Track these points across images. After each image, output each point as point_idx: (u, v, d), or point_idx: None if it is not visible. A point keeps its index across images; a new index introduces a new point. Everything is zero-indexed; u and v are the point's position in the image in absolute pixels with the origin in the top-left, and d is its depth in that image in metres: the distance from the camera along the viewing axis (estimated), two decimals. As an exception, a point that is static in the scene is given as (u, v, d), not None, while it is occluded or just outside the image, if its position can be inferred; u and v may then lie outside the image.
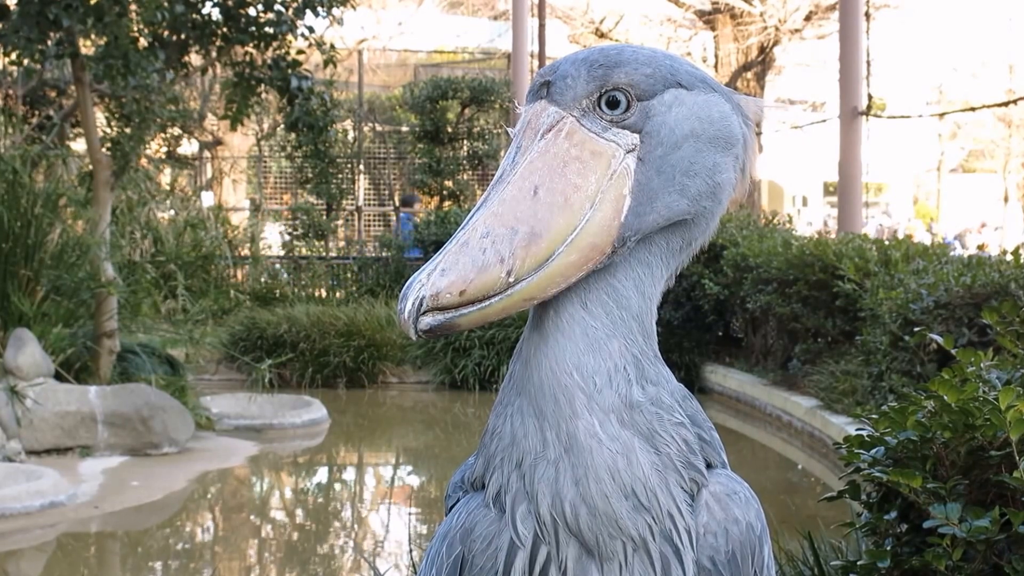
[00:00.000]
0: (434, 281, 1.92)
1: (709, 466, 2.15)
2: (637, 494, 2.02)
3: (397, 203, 28.71)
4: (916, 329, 9.60)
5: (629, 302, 2.09)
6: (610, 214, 2.03)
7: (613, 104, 2.08)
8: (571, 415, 2.02)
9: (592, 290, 2.07)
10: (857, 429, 4.32)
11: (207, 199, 27.74)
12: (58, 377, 13.44)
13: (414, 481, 14.56)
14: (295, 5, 14.33)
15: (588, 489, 2.01)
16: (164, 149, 26.22)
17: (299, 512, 12.80)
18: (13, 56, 13.60)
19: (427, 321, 1.92)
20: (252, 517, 12.51)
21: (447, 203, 26.94)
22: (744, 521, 2.12)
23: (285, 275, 24.92)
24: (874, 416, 4.21)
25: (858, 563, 4.11)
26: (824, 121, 27.55)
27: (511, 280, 1.95)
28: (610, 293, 2.08)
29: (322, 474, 14.77)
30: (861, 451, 4.10)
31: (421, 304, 1.92)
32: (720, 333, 18.27)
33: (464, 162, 27.46)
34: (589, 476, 2.01)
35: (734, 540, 2.10)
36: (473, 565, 2.13)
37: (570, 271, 2.00)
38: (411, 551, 6.81)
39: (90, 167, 14.66)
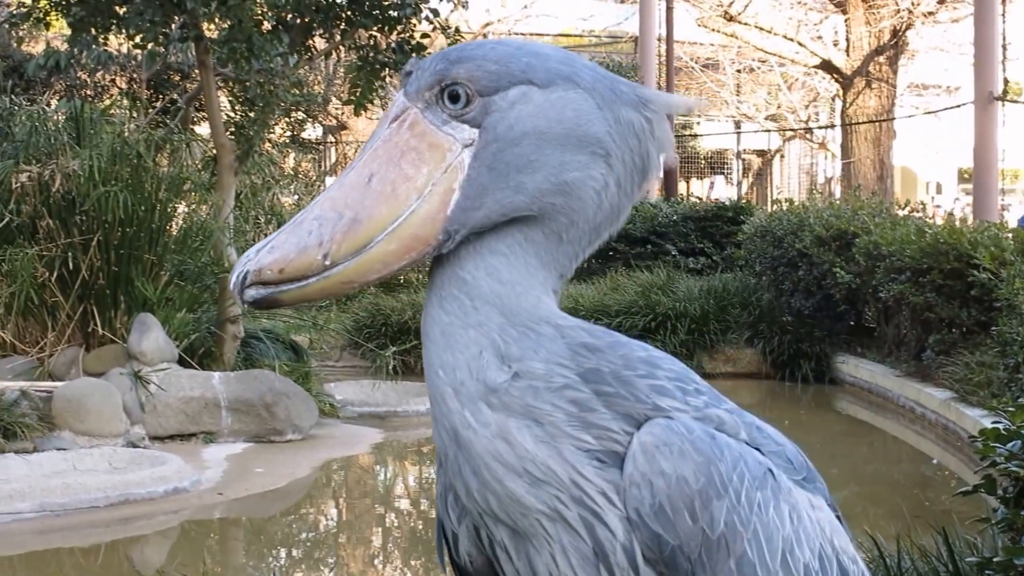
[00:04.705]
0: (260, 257, 2.04)
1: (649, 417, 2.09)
2: (529, 471, 2.05)
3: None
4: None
5: (480, 290, 2.10)
6: (436, 207, 2.09)
7: (454, 98, 2.11)
8: (448, 412, 2.08)
9: (445, 287, 2.13)
10: (993, 422, 4.27)
11: (330, 184, 27.93)
12: (182, 362, 13.48)
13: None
14: (420, -12, 14.22)
15: (484, 477, 2.07)
16: (288, 133, 26.47)
17: (424, 501, 12.70)
18: (137, 40, 13.64)
19: (250, 293, 2.05)
20: (377, 505, 12.46)
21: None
22: (673, 474, 2.04)
23: None
24: (1010, 409, 4.13)
25: (994, 560, 4.07)
26: (959, 106, 27.11)
27: (327, 263, 2.05)
28: (460, 287, 2.11)
29: (446, 462, 14.68)
30: (997, 445, 4.08)
31: (245, 278, 2.04)
32: (852, 323, 17.98)
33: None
34: (480, 465, 2.06)
35: (660, 492, 2.04)
36: None
37: (390, 259, 2.09)
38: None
39: (214, 151, 14.73)
